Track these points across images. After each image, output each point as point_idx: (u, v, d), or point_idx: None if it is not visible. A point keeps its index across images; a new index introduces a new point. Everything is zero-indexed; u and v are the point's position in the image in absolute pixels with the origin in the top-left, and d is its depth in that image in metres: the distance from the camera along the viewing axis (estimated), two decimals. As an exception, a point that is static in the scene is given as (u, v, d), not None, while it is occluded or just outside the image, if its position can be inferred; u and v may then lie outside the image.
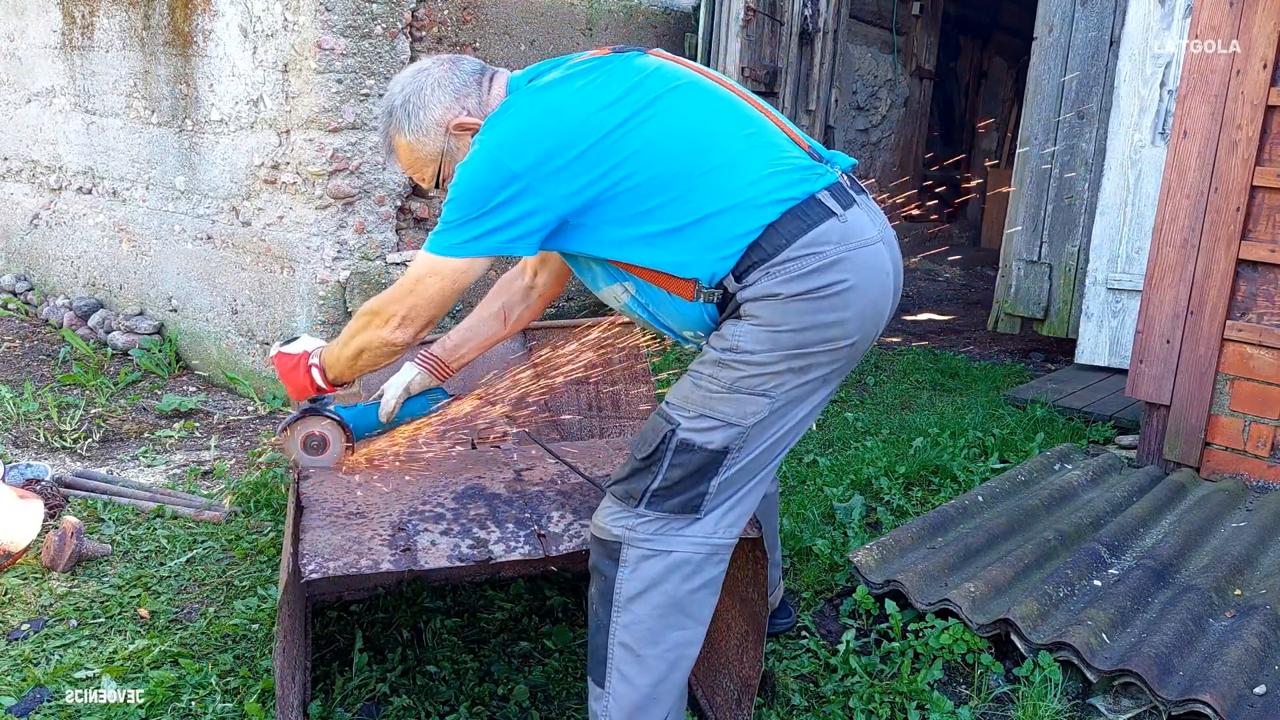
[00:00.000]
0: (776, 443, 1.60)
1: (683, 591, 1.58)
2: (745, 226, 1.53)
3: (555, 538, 1.66)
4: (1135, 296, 4.26)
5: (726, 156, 1.56)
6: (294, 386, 1.88)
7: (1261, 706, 1.93)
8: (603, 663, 1.61)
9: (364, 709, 1.98)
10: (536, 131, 1.55)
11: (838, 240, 1.53)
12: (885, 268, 1.59)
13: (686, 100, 1.60)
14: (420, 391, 2.00)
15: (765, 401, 1.55)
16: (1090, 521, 2.71)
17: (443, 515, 1.69)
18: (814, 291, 1.52)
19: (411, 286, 1.64)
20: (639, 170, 1.55)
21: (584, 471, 1.92)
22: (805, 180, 1.57)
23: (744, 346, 1.54)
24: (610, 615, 1.59)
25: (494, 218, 1.55)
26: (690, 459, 1.55)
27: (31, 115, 5.16)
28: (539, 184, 1.54)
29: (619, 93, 1.57)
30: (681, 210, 1.55)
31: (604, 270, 1.68)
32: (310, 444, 1.91)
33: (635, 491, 1.57)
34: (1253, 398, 3.10)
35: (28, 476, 2.98)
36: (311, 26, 3.63)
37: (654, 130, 1.55)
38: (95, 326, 4.77)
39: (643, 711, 1.61)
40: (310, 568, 1.50)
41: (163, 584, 2.49)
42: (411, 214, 4.08)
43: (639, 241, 1.58)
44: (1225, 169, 3.06)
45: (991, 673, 2.16)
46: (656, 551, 1.56)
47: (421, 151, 1.73)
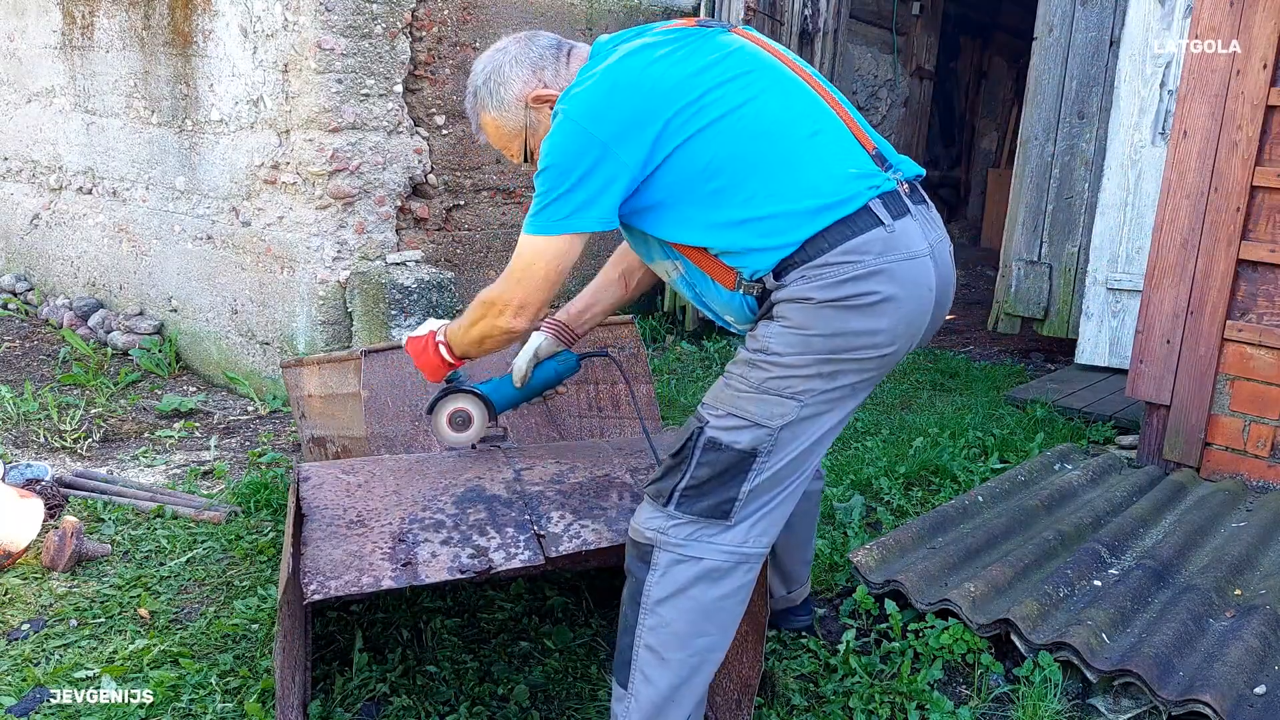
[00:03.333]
0: (806, 452, 1.60)
1: (710, 598, 1.58)
2: (794, 233, 1.55)
3: (554, 538, 1.66)
4: (1135, 296, 4.26)
5: (792, 152, 1.57)
6: (427, 366, 1.92)
7: (1261, 706, 1.93)
8: (627, 664, 1.62)
9: (364, 709, 1.98)
10: (618, 98, 1.56)
11: (879, 251, 1.53)
12: (928, 282, 1.59)
13: (762, 86, 1.61)
14: (548, 356, 2.04)
15: (794, 405, 1.56)
16: (1090, 521, 2.71)
17: (443, 523, 1.68)
18: (846, 299, 1.53)
19: (520, 274, 1.66)
20: (708, 147, 1.57)
21: (651, 439, 1.95)
22: (862, 188, 1.57)
23: (773, 348, 1.55)
24: (638, 617, 1.60)
25: (584, 188, 1.57)
26: (718, 458, 1.56)
27: (31, 115, 5.16)
28: (623, 154, 1.56)
29: (702, 65, 1.59)
30: (740, 200, 1.57)
31: (659, 247, 1.71)
32: (456, 420, 1.95)
33: (665, 490, 1.59)
34: (1253, 398, 3.10)
35: (28, 476, 2.98)
36: (311, 26, 3.63)
37: (727, 110, 1.57)
38: (95, 326, 4.77)
39: (662, 714, 1.61)
40: (312, 588, 1.50)
41: (163, 584, 2.49)
42: (411, 214, 4.08)
43: (694, 226, 1.61)
44: (1225, 169, 3.06)
45: (991, 673, 2.16)
46: (687, 557, 1.57)
47: (506, 127, 1.77)
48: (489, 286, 1.73)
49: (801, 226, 1.54)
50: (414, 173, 4.04)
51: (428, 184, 4.12)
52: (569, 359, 2.06)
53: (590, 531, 1.67)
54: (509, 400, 2.02)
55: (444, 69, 4.10)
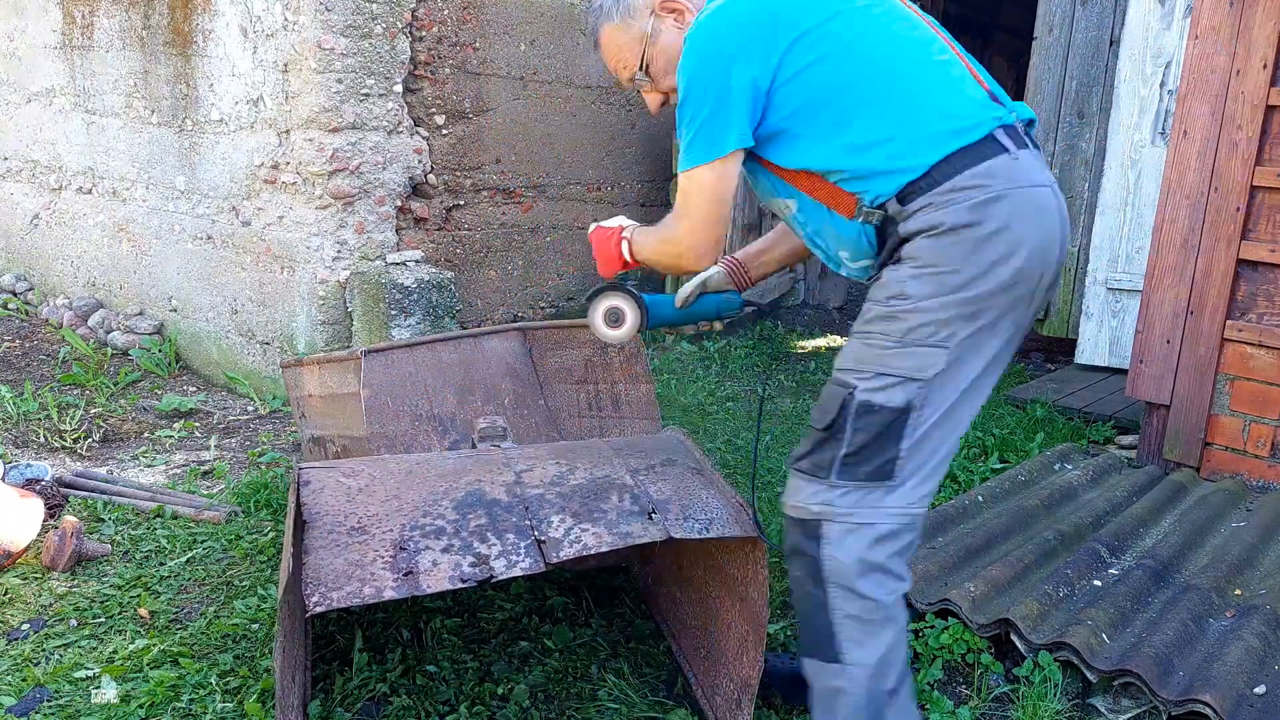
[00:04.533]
0: (960, 402, 1.57)
1: (884, 556, 1.58)
2: (922, 156, 1.53)
3: (555, 543, 1.66)
4: (1135, 296, 4.26)
5: (917, 79, 1.58)
6: (604, 256, 1.91)
7: (1261, 706, 1.93)
8: (831, 638, 1.61)
9: (364, 709, 1.98)
10: (750, 15, 1.58)
11: (1005, 176, 1.52)
12: (1053, 211, 1.57)
13: (886, 13, 1.62)
14: (716, 290, 2.03)
15: (942, 353, 1.53)
16: (1090, 521, 2.71)
17: (443, 529, 1.68)
18: (975, 225, 1.50)
19: (684, 210, 1.67)
20: (835, 69, 1.57)
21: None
22: (985, 118, 1.57)
23: (909, 292, 1.53)
24: (827, 592, 1.59)
25: (725, 109, 1.58)
26: (873, 421, 1.54)
27: (31, 115, 5.16)
28: (750, 65, 1.57)
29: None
30: (867, 123, 1.57)
31: (772, 182, 1.71)
32: (610, 316, 1.98)
33: (824, 462, 1.57)
34: (1253, 398, 3.10)
35: (28, 476, 2.98)
36: (311, 26, 3.63)
37: (857, 32, 1.58)
38: (95, 326, 4.77)
39: (882, 675, 1.62)
40: (314, 599, 1.51)
41: (163, 584, 2.49)
42: (411, 214, 4.08)
43: (819, 150, 1.60)
44: (1225, 169, 3.06)
45: (991, 673, 2.16)
46: (858, 524, 1.56)
47: (627, 34, 1.78)
48: (660, 225, 1.77)
49: (930, 150, 1.53)
50: (414, 173, 4.04)
51: (428, 184, 4.12)
52: (734, 299, 2.04)
53: (590, 535, 1.66)
54: (664, 318, 2.02)
55: (444, 69, 4.10)
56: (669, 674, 2.15)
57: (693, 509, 1.72)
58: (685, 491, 1.78)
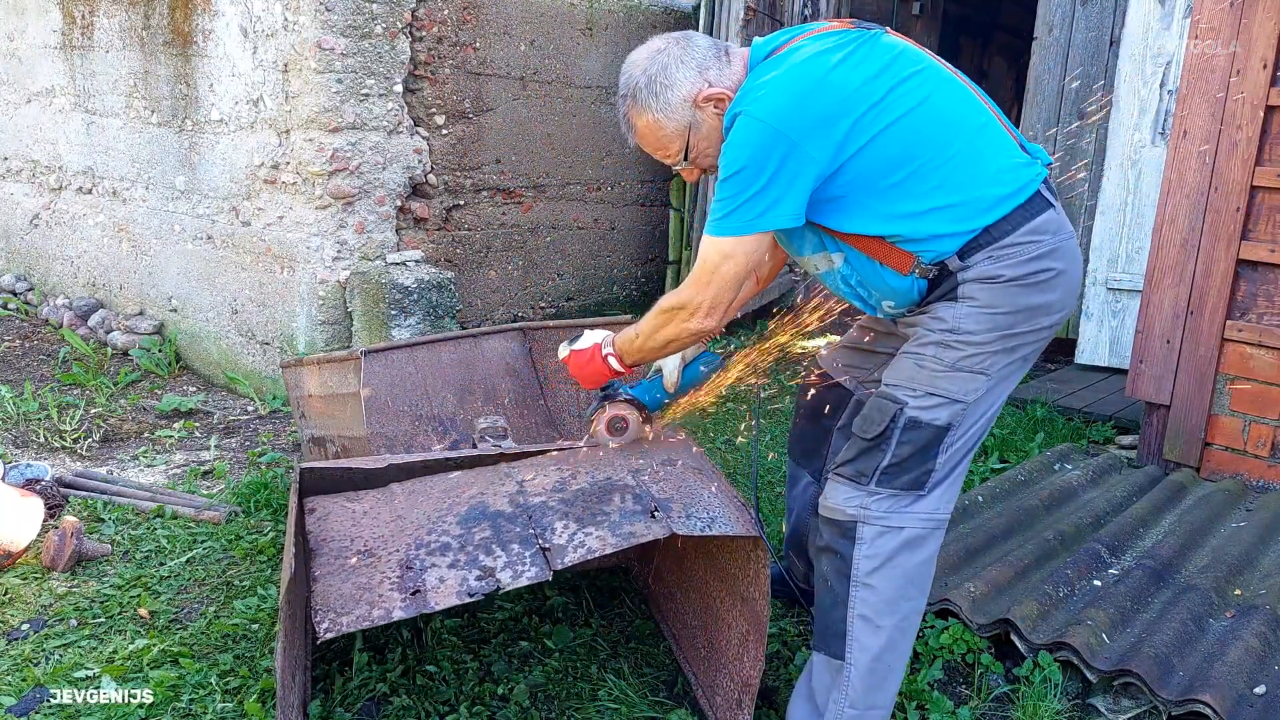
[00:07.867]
0: (986, 421, 1.74)
1: (913, 564, 1.71)
2: (981, 218, 1.65)
3: (559, 550, 1.66)
4: (1135, 296, 4.26)
5: (967, 144, 1.67)
6: (588, 375, 1.97)
7: (1261, 706, 1.93)
8: (841, 636, 1.73)
9: (364, 709, 1.98)
10: (809, 100, 1.62)
11: (1054, 230, 1.67)
12: (1079, 258, 1.75)
13: (934, 84, 1.69)
14: (694, 358, 2.07)
15: (984, 379, 1.68)
16: (1090, 521, 2.71)
17: (449, 545, 1.68)
18: (1032, 275, 1.65)
19: (709, 276, 1.70)
20: (893, 143, 1.63)
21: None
22: (1031, 176, 1.69)
23: (965, 328, 1.67)
24: (849, 590, 1.71)
25: (776, 185, 1.61)
26: (918, 436, 1.67)
27: (31, 115, 5.16)
28: (812, 150, 1.60)
29: (879, 67, 1.65)
30: (924, 190, 1.65)
31: (816, 239, 1.77)
32: (614, 426, 2.04)
33: (866, 469, 1.70)
34: (1253, 398, 3.10)
35: (28, 476, 2.98)
36: (311, 26, 3.63)
37: (908, 108, 1.64)
38: (95, 326, 4.77)
39: (880, 678, 1.73)
40: (324, 625, 1.52)
41: (163, 584, 2.49)
42: (411, 214, 4.08)
43: (876, 216, 1.68)
44: (1225, 169, 3.06)
45: (991, 673, 2.16)
46: (890, 528, 1.69)
47: (668, 127, 1.78)
48: (672, 293, 1.78)
49: (988, 212, 1.65)
50: (414, 173, 4.04)
51: (428, 184, 4.12)
52: (713, 358, 2.10)
53: (594, 539, 1.67)
54: (659, 403, 2.09)
55: (444, 69, 4.10)
56: (669, 674, 2.15)
57: (695, 507, 1.73)
58: (687, 490, 1.78)
